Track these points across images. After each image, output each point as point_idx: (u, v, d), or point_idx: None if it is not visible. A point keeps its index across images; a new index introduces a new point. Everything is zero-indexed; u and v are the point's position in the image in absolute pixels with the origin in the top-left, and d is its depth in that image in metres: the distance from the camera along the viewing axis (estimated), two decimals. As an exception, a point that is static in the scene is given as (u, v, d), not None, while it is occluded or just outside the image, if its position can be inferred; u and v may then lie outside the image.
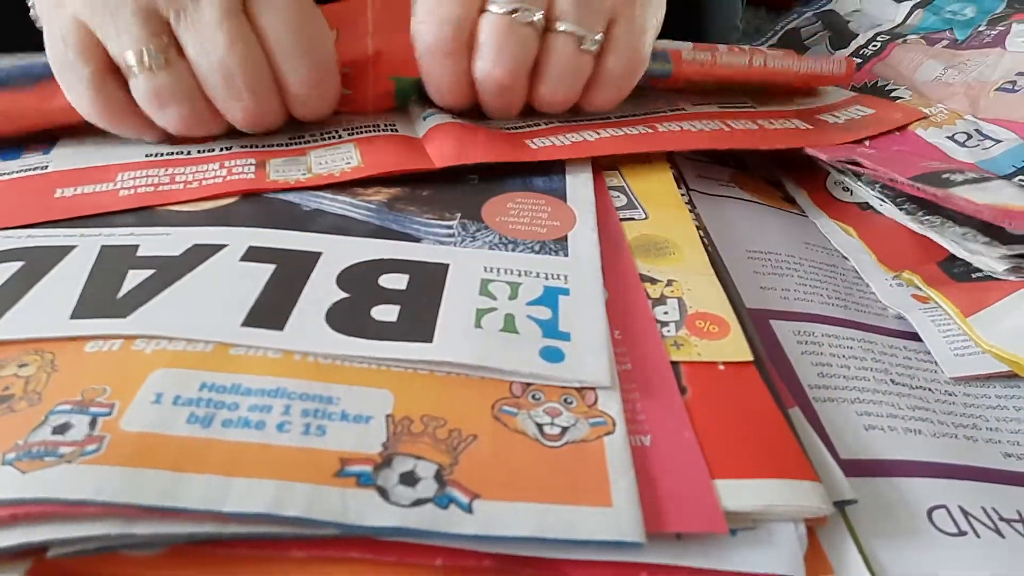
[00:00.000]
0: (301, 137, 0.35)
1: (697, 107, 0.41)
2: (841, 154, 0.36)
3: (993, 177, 0.32)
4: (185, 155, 0.34)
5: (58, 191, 0.31)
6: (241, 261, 0.26)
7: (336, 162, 0.33)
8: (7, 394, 0.21)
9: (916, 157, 0.36)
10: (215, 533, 0.18)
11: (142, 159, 0.33)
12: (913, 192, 0.32)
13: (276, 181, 0.32)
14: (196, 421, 0.20)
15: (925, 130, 0.39)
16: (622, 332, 0.26)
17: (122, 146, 0.34)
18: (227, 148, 0.34)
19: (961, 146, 0.37)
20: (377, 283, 0.26)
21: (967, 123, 0.39)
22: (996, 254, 0.29)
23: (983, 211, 0.29)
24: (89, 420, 0.20)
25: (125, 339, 0.23)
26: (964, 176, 0.32)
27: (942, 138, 0.38)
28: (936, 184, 0.31)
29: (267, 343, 0.23)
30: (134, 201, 0.30)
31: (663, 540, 0.19)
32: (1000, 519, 0.23)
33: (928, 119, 0.39)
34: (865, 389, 0.27)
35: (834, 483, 0.22)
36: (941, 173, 0.32)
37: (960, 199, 0.29)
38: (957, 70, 0.42)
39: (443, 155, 0.33)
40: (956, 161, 0.36)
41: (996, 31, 0.43)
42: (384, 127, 0.36)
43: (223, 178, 0.32)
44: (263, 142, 0.35)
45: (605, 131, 0.36)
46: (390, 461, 0.20)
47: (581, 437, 0.21)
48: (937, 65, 0.43)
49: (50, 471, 0.18)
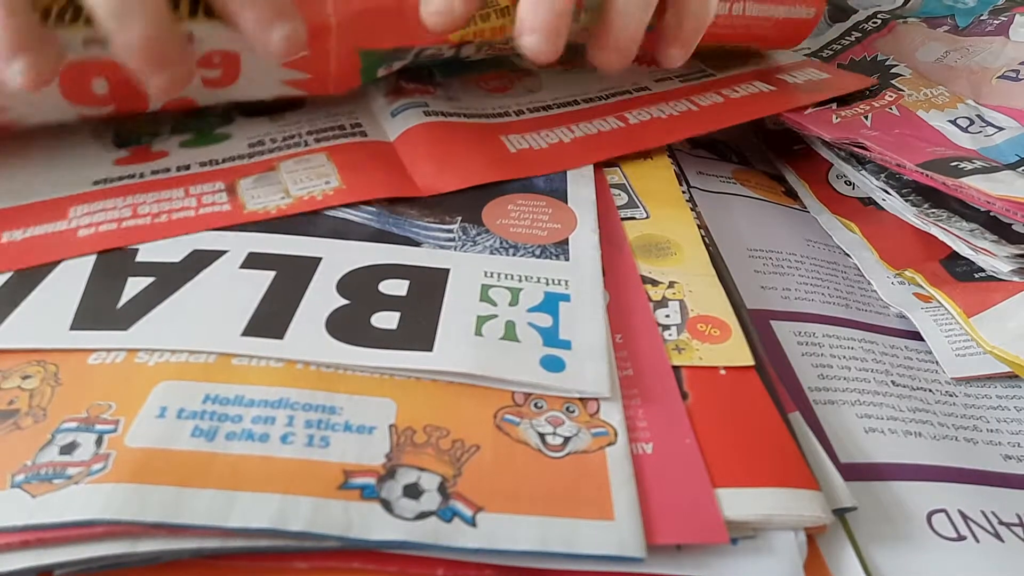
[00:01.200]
0: (260, 143, 0.33)
1: (660, 83, 0.41)
2: (844, 134, 0.36)
3: (1001, 167, 0.32)
4: (139, 178, 0.31)
5: (4, 235, 0.27)
6: (241, 268, 0.26)
7: (315, 182, 0.31)
8: (12, 408, 0.21)
9: (920, 142, 0.36)
10: (219, 548, 0.18)
11: (91, 187, 0.30)
12: (922, 180, 0.32)
13: (255, 212, 0.29)
14: (200, 435, 0.20)
15: (927, 112, 0.38)
16: (623, 336, 0.26)
17: (63, 168, 0.31)
18: (184, 168, 0.32)
19: (963, 131, 0.37)
20: (377, 289, 0.26)
21: (968, 108, 0.38)
22: (1004, 253, 0.29)
23: (996, 203, 0.29)
24: (95, 438, 0.20)
25: (128, 351, 0.23)
26: (973, 165, 0.31)
27: (944, 122, 0.37)
28: (946, 172, 0.31)
29: (267, 352, 0.23)
30: (96, 243, 0.27)
31: (664, 550, 0.20)
32: (999, 523, 0.23)
33: (929, 100, 0.39)
34: (865, 391, 0.27)
35: (834, 490, 0.22)
36: (950, 161, 0.32)
37: (973, 189, 0.29)
38: (959, 54, 0.42)
39: (427, 184, 0.32)
40: (960, 147, 0.35)
41: (999, 21, 0.42)
42: (351, 128, 0.35)
43: (194, 210, 0.29)
44: (220, 155, 0.32)
45: (579, 127, 0.36)
46: (394, 473, 0.20)
47: (583, 448, 0.21)
48: (939, 47, 0.43)
49: (58, 493, 0.19)
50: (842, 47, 0.46)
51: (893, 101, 0.39)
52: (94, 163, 0.32)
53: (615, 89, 0.39)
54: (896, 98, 0.39)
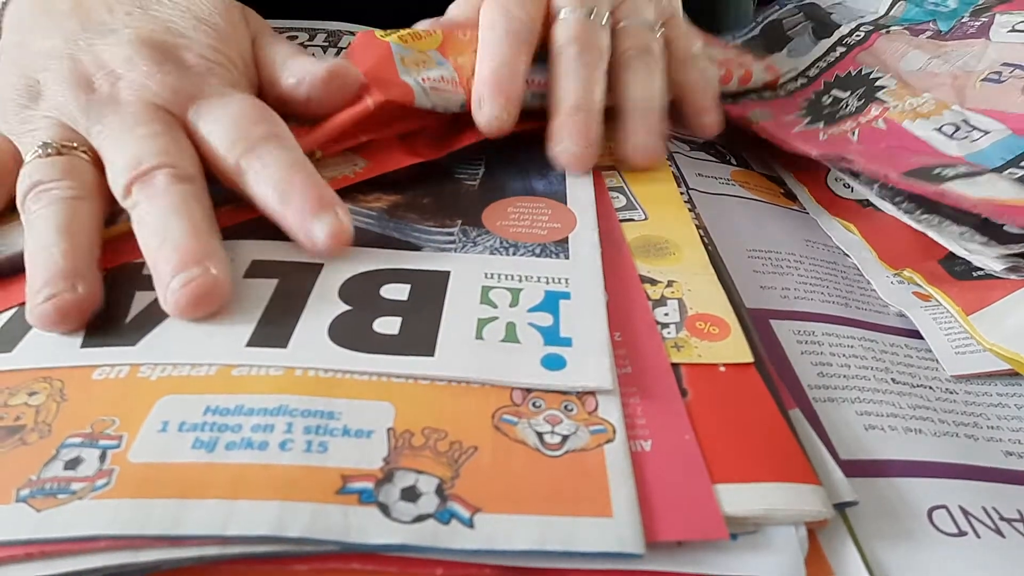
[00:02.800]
0: None
1: None
2: (830, 150, 0.36)
3: (985, 171, 0.32)
4: None
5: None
6: (245, 278, 0.26)
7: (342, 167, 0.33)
8: (19, 424, 0.21)
9: (906, 152, 0.36)
10: (219, 555, 0.18)
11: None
12: (907, 188, 0.32)
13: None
14: (201, 446, 0.20)
15: (913, 122, 0.38)
16: (622, 334, 0.26)
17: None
18: None
19: (949, 138, 0.36)
20: (379, 294, 0.26)
21: (954, 113, 0.38)
22: (994, 254, 0.29)
23: (978, 206, 0.29)
24: (99, 454, 0.20)
25: (131, 366, 0.23)
26: (956, 171, 0.32)
27: (930, 131, 0.37)
28: (928, 179, 0.31)
29: (272, 362, 0.23)
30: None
31: (663, 547, 0.20)
32: (1000, 519, 0.23)
33: (915, 110, 0.39)
34: (865, 388, 0.27)
35: (834, 485, 0.22)
36: (932, 168, 0.32)
37: (954, 194, 0.29)
38: (942, 60, 0.41)
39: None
40: (946, 156, 0.35)
41: (980, 22, 0.42)
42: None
43: None
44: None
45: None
46: (391, 476, 0.20)
47: (581, 446, 0.21)
48: (922, 55, 0.43)
49: (63, 509, 0.19)
50: (827, 64, 0.46)
51: (879, 115, 0.39)
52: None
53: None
54: (882, 111, 0.39)
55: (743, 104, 0.44)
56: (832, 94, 0.43)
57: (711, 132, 0.39)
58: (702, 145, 0.42)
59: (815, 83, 0.45)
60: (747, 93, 0.46)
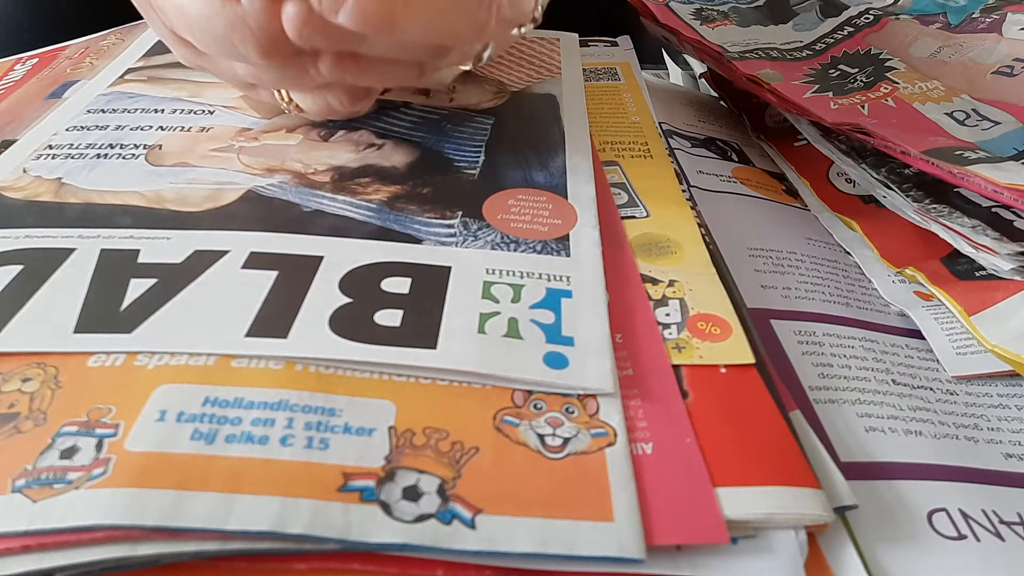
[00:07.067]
0: None
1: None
2: (844, 119, 0.35)
3: (1004, 157, 0.32)
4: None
5: None
6: (243, 269, 0.26)
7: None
8: (13, 412, 0.21)
9: (920, 132, 0.35)
10: (218, 551, 0.18)
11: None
12: (927, 168, 0.31)
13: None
14: (200, 437, 0.20)
15: (923, 104, 0.38)
16: (623, 335, 0.26)
17: None
18: None
19: (960, 124, 0.36)
20: (379, 287, 0.26)
21: (964, 102, 0.38)
22: (1005, 251, 0.29)
23: (1004, 192, 0.28)
24: (95, 443, 0.20)
25: (128, 353, 0.23)
26: (977, 155, 0.31)
27: (940, 114, 0.37)
28: (951, 160, 0.30)
29: (272, 352, 0.23)
30: None
31: (664, 550, 0.20)
32: (1000, 522, 0.23)
33: (924, 93, 0.39)
34: (866, 390, 0.27)
35: (835, 488, 0.22)
36: (954, 149, 0.32)
37: (979, 178, 0.29)
38: (953, 49, 0.41)
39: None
40: (959, 139, 0.35)
41: (991, 19, 0.42)
42: None
43: None
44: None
45: None
46: (393, 475, 0.20)
47: (582, 449, 0.21)
48: (932, 43, 0.43)
49: (59, 499, 0.18)
50: (834, 40, 0.45)
51: (888, 93, 0.39)
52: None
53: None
54: (891, 90, 0.39)
55: (750, 62, 0.43)
56: (840, 68, 0.43)
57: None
58: (703, 142, 0.42)
59: (821, 56, 0.44)
60: (753, 50, 0.44)
